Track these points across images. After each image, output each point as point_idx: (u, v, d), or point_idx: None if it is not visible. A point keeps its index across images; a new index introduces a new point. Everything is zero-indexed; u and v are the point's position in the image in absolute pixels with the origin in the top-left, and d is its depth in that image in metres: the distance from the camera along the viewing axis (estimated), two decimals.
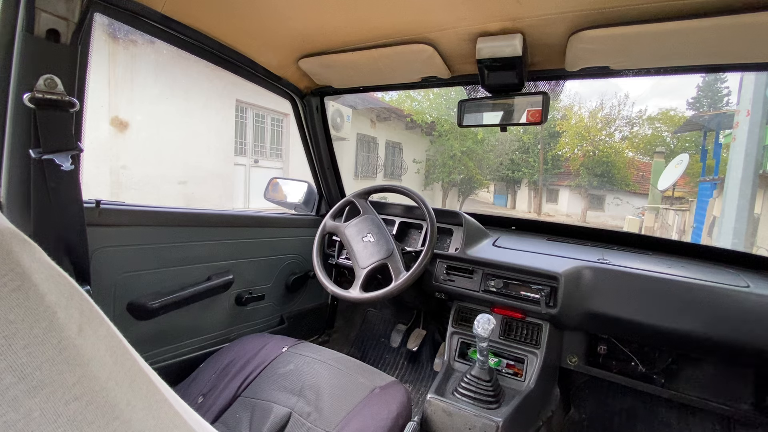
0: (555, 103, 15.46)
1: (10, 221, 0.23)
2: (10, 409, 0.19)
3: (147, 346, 1.10)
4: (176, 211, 1.15)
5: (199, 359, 1.16)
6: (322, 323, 1.87)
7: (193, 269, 1.19)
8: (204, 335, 1.26)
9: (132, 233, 1.03)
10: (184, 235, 1.16)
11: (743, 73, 5.15)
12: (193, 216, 1.20)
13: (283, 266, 1.55)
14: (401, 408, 0.94)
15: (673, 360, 1.26)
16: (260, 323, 1.48)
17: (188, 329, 1.21)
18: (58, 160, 0.69)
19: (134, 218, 1.03)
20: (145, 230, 1.06)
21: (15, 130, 0.67)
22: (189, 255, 1.17)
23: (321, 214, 1.74)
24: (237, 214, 1.36)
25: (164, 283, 1.11)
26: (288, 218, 1.60)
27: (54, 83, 0.66)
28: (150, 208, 1.08)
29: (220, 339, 1.31)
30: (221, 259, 1.27)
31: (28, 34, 0.64)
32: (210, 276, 1.23)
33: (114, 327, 0.27)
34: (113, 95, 4.66)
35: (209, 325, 1.27)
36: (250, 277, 1.40)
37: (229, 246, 1.30)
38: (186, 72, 5.59)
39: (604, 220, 15.33)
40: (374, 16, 0.96)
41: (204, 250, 1.22)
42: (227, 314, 1.33)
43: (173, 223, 1.13)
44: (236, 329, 1.38)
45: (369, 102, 10.23)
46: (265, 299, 1.47)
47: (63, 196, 0.72)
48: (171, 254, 1.13)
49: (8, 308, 0.20)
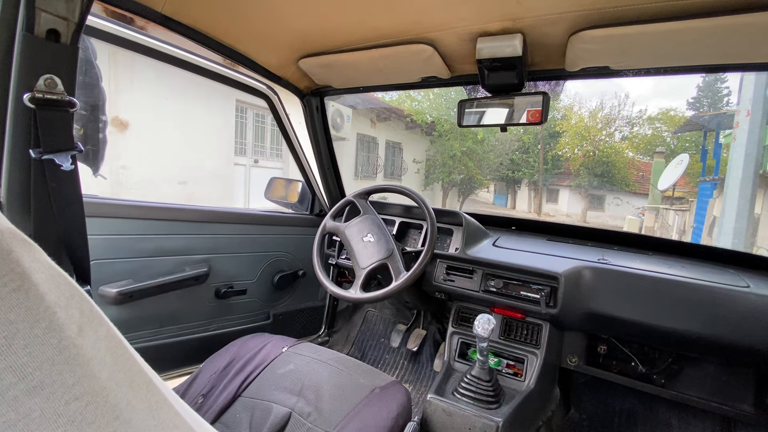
0: (555, 103, 15.47)
1: (10, 221, 0.23)
2: (10, 409, 0.19)
3: (126, 329, 1.14)
4: (151, 205, 1.21)
5: (175, 345, 1.26)
6: (317, 324, 1.86)
7: (168, 260, 1.24)
8: (181, 324, 1.32)
9: (105, 224, 1.10)
10: (160, 227, 1.22)
11: (743, 73, 5.15)
12: (168, 210, 1.25)
13: (268, 263, 1.56)
14: (401, 408, 0.94)
15: (673, 360, 1.26)
16: (244, 318, 1.50)
17: (164, 317, 1.26)
18: (58, 160, 0.69)
19: (108, 210, 1.10)
20: (119, 222, 1.13)
21: (15, 130, 0.67)
22: (164, 246, 1.23)
23: (314, 213, 1.75)
24: (216, 210, 1.40)
25: (139, 272, 1.17)
26: (274, 216, 1.61)
27: (54, 83, 0.66)
28: (123, 202, 1.17)
29: (201, 329, 1.37)
30: (198, 253, 1.32)
31: (28, 34, 0.64)
32: (185, 268, 1.29)
33: (114, 327, 0.27)
34: (113, 95, 4.65)
35: (186, 315, 1.33)
36: (230, 271, 1.42)
37: (206, 240, 1.34)
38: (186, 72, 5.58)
39: (604, 220, 15.33)
40: (374, 16, 0.96)
41: (180, 242, 1.27)
42: (207, 306, 1.38)
43: (148, 217, 1.19)
44: (218, 321, 1.42)
45: (369, 102, 10.23)
46: (248, 294, 1.49)
47: (63, 196, 0.72)
48: (145, 245, 1.19)
49: (8, 308, 0.20)
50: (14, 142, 0.68)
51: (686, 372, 1.25)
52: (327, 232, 1.42)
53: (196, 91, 5.53)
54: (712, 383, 1.22)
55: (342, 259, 1.56)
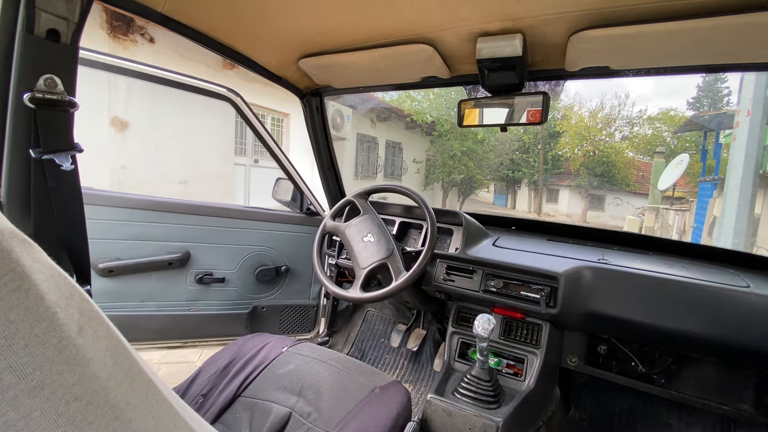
0: (555, 103, 15.46)
1: (10, 221, 0.23)
2: (10, 409, 0.19)
3: (110, 299, 1.39)
4: (139, 197, 1.42)
5: (154, 319, 1.46)
6: (307, 323, 1.86)
7: (151, 245, 1.44)
8: (161, 302, 1.49)
9: (99, 211, 1.34)
10: (145, 216, 1.42)
11: (743, 73, 5.15)
12: (154, 202, 1.44)
13: (249, 256, 1.64)
14: (401, 408, 0.94)
15: (673, 360, 1.26)
16: (224, 304, 1.62)
17: (144, 294, 1.46)
18: (58, 160, 0.69)
19: (101, 200, 1.33)
20: (109, 210, 1.36)
21: (15, 130, 0.67)
22: (145, 233, 1.42)
23: (304, 211, 1.77)
24: (198, 204, 1.55)
25: (125, 252, 1.39)
26: (257, 212, 1.68)
27: (54, 83, 0.66)
28: (112, 194, 1.39)
29: (182, 309, 1.54)
30: (179, 240, 1.49)
31: (28, 34, 0.64)
32: (166, 253, 1.47)
33: (114, 327, 0.27)
34: (113, 95, 4.65)
35: (166, 295, 1.50)
36: (209, 260, 1.56)
37: (186, 230, 1.50)
38: (186, 72, 5.58)
39: (604, 220, 15.33)
40: (374, 16, 0.96)
41: (162, 230, 1.45)
42: (186, 289, 1.54)
43: (136, 206, 1.40)
44: (197, 304, 1.57)
45: (369, 102, 10.23)
46: (229, 283, 1.61)
47: (63, 196, 0.72)
48: (131, 231, 1.40)
49: (8, 308, 0.20)
50: (14, 142, 0.68)
51: (686, 372, 1.25)
52: (327, 232, 1.42)
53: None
54: (712, 383, 1.22)
55: (342, 259, 1.56)
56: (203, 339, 1.61)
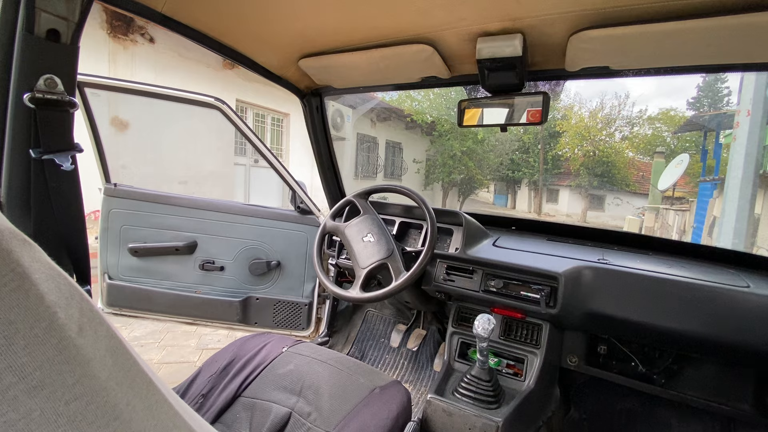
0: (555, 103, 15.46)
1: (10, 221, 0.23)
2: (10, 408, 0.19)
3: (136, 274, 1.74)
4: (159, 194, 1.73)
5: (168, 296, 1.74)
6: (299, 320, 1.87)
7: (167, 233, 1.73)
8: (174, 281, 1.76)
9: (132, 204, 1.69)
10: (163, 209, 1.71)
11: (743, 73, 5.15)
12: (170, 198, 1.73)
13: (244, 249, 1.79)
14: (401, 408, 0.94)
15: (673, 360, 1.26)
16: (222, 290, 1.80)
17: (163, 273, 1.75)
18: (58, 160, 0.69)
19: (134, 195, 1.69)
20: (139, 203, 1.69)
21: (15, 130, 0.67)
22: (164, 223, 1.72)
23: (296, 209, 1.82)
24: (205, 200, 1.77)
25: (148, 237, 1.72)
26: (254, 209, 1.81)
27: (54, 83, 0.66)
28: (142, 191, 1.72)
29: (188, 290, 1.77)
30: (188, 231, 1.75)
31: (28, 34, 0.64)
32: (178, 241, 1.74)
33: (114, 327, 0.27)
34: (113, 95, 4.65)
35: (177, 276, 1.76)
36: (212, 250, 1.77)
37: (195, 222, 1.74)
38: (186, 72, 5.58)
39: (604, 220, 15.33)
40: (374, 17, 0.96)
41: (177, 221, 1.73)
42: (192, 273, 1.77)
43: (160, 201, 1.71)
44: (202, 287, 1.79)
45: (369, 102, 10.23)
46: (227, 272, 1.79)
47: (63, 196, 0.72)
48: (155, 221, 1.71)
49: (8, 308, 0.20)
50: (14, 142, 0.68)
51: (686, 372, 1.25)
52: (327, 232, 1.42)
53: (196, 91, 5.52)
54: (712, 383, 1.22)
55: (342, 259, 1.56)
56: (200, 320, 1.82)
